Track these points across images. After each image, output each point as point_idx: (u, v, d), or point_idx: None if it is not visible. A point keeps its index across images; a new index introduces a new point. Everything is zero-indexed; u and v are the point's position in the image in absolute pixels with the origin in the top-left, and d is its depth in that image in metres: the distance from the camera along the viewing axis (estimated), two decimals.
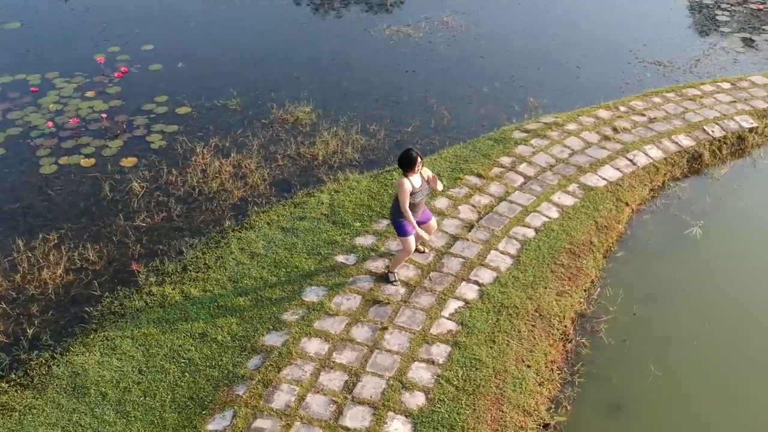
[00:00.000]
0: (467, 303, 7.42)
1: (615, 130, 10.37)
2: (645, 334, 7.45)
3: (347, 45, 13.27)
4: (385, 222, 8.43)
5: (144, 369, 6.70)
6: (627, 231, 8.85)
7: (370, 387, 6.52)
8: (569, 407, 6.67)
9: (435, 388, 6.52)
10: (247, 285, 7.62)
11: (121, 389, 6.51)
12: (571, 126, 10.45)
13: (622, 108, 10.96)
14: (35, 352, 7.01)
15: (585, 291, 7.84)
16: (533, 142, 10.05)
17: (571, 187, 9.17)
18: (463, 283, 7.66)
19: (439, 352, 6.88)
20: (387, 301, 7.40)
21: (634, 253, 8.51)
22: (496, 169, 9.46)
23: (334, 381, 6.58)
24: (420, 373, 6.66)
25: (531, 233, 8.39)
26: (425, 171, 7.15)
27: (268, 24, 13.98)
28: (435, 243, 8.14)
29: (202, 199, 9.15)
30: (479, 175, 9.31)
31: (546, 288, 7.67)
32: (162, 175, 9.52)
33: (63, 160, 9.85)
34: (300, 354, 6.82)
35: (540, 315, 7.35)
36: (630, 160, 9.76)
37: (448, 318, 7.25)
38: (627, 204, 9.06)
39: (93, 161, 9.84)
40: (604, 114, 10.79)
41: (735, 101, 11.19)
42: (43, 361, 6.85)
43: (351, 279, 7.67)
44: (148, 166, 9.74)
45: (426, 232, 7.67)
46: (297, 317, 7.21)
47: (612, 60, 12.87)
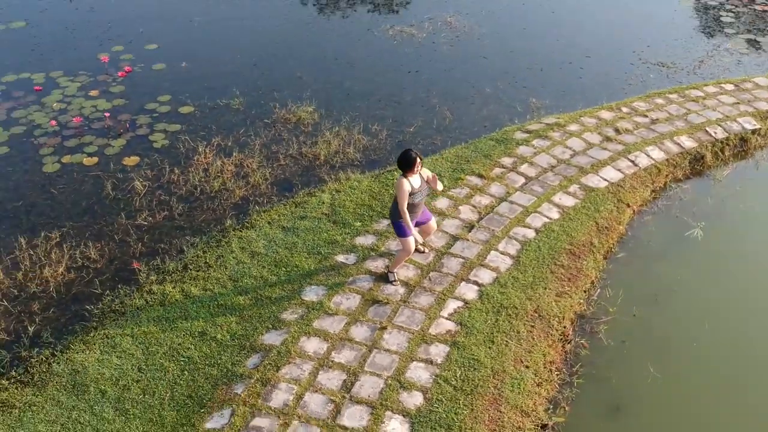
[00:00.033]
0: (466, 303, 7.42)
1: (617, 131, 10.35)
2: (645, 335, 7.44)
3: (351, 45, 13.28)
4: (386, 222, 8.44)
5: (143, 367, 6.74)
6: (628, 232, 8.84)
7: (368, 386, 6.53)
8: (567, 408, 6.67)
9: (433, 388, 6.53)
10: (247, 284, 7.64)
11: (121, 387, 6.55)
12: (573, 127, 10.44)
13: (624, 109, 10.94)
14: (36, 349, 7.06)
15: (585, 292, 7.83)
16: (535, 142, 10.04)
17: (572, 188, 9.16)
18: (463, 284, 7.66)
19: (438, 352, 6.88)
20: (386, 301, 7.42)
21: (634, 255, 8.49)
22: (497, 170, 9.46)
23: (332, 380, 6.59)
24: (418, 373, 6.67)
25: (531, 234, 8.38)
26: (425, 171, 7.16)
27: (271, 24, 14.00)
28: (435, 243, 8.15)
29: (203, 198, 9.18)
30: (480, 176, 9.32)
31: (546, 289, 7.67)
32: (164, 174, 9.56)
33: (66, 158, 9.89)
34: (299, 353, 6.83)
35: (539, 316, 7.35)
36: (631, 161, 9.74)
37: (447, 318, 7.25)
38: (628, 205, 9.04)
39: (96, 160, 9.88)
40: (606, 115, 10.78)
41: (738, 103, 11.16)
42: (44, 359, 6.89)
43: (351, 279, 7.68)
44: (150, 165, 9.78)
45: (426, 232, 7.69)
46: (296, 316, 7.23)
47: (615, 61, 12.84)
